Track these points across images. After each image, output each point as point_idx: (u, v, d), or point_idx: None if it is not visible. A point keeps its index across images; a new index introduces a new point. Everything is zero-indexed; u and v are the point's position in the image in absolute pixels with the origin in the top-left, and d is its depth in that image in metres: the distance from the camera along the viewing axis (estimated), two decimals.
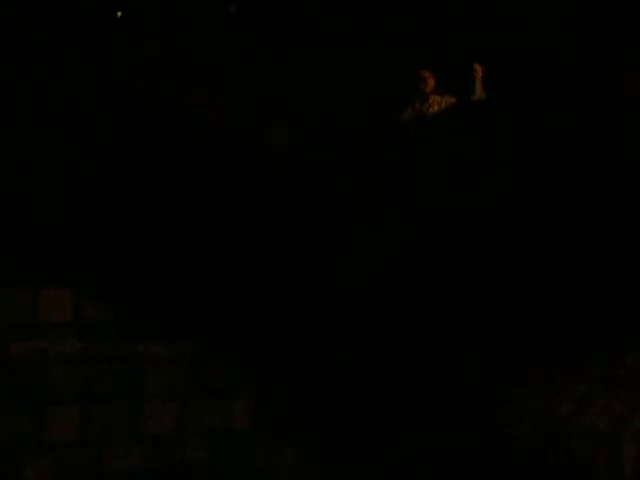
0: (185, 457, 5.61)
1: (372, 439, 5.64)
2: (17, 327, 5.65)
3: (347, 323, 5.94)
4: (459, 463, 5.71)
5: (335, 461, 5.81)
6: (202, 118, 7.47)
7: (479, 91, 7.48)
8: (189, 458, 5.60)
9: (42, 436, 5.52)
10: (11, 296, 5.68)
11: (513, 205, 6.54)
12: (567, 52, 7.36)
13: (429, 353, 6.06)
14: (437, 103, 7.61)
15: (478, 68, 7.47)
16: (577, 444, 5.55)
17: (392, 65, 8.23)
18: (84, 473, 5.51)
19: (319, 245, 6.36)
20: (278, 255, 6.16)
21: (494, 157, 6.75)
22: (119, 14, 9.13)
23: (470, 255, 6.52)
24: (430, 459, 5.69)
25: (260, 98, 7.73)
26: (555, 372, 5.98)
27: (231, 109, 7.62)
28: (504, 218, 6.51)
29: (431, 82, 7.60)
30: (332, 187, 7.04)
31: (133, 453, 5.58)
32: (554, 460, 5.57)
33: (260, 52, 8.15)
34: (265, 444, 5.56)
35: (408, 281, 6.46)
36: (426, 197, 6.91)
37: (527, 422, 5.80)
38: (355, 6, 8.61)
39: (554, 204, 6.45)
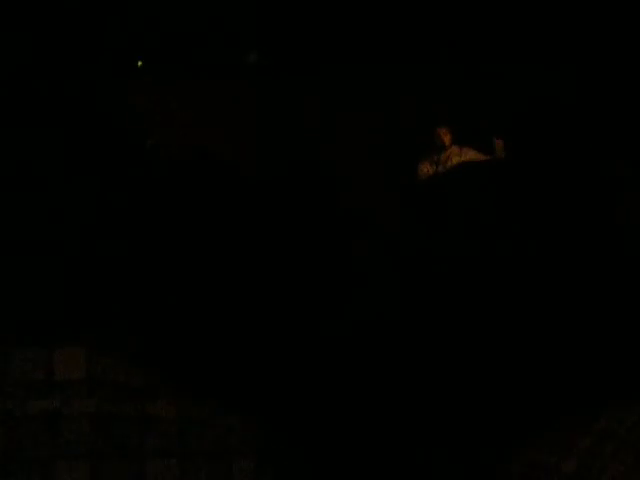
0: None
1: None
2: (33, 385, 6.02)
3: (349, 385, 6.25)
4: None
5: None
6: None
7: (499, 154, 7.79)
8: None
9: None
10: (28, 355, 6.06)
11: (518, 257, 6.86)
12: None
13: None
14: (456, 154, 7.88)
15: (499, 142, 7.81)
16: None
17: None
18: None
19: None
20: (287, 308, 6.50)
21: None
22: (139, 64, 9.53)
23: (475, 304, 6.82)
24: None
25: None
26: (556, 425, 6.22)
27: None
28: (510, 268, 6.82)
29: (448, 138, 7.89)
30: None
31: None
32: None
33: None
34: None
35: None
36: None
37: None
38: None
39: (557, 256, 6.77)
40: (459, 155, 7.96)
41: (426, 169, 8.06)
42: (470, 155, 8.00)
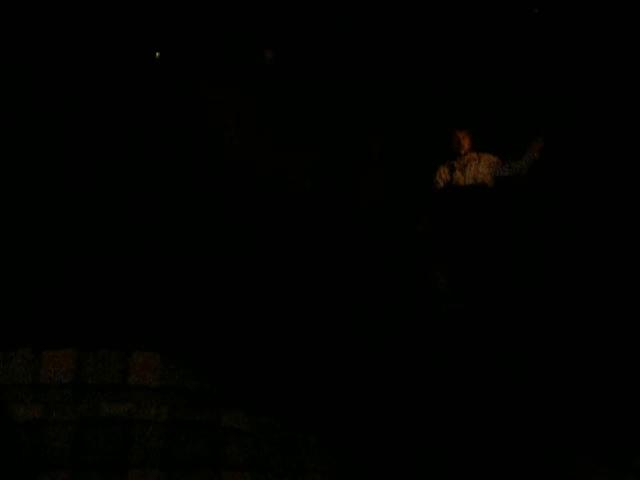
0: None
1: None
2: (107, 389, 5.88)
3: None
4: None
5: None
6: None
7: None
8: None
9: None
10: (103, 358, 5.91)
11: None
12: None
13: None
14: (474, 159, 7.69)
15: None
16: None
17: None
18: None
19: None
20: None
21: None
22: (157, 55, 9.33)
23: None
24: None
25: None
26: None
27: None
28: None
29: (467, 142, 7.68)
30: None
31: None
32: None
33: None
34: None
35: None
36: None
37: None
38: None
39: None
40: (477, 160, 7.71)
41: (444, 175, 7.83)
42: (490, 160, 7.72)
